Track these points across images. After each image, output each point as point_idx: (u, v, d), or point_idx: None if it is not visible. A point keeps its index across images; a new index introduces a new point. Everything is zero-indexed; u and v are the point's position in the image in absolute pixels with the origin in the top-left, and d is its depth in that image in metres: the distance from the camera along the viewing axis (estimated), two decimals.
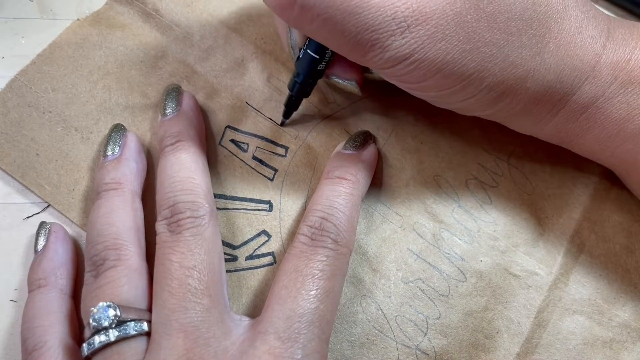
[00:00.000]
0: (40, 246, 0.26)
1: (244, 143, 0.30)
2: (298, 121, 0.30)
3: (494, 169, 0.30)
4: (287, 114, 0.29)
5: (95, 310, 0.22)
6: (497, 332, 0.27)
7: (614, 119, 0.25)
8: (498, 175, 0.30)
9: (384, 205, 0.29)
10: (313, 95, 0.31)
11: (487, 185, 0.29)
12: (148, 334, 0.23)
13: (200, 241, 0.24)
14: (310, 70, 0.27)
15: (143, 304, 0.24)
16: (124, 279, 0.23)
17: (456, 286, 0.28)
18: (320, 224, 0.25)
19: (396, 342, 0.27)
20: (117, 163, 0.27)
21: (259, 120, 0.30)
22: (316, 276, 0.24)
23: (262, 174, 0.29)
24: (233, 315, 0.24)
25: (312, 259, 0.24)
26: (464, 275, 0.28)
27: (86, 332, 0.22)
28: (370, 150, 0.28)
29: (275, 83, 0.31)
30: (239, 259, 0.28)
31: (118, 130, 0.28)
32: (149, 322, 0.23)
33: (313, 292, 0.23)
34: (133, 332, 0.22)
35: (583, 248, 0.29)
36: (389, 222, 0.29)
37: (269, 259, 0.28)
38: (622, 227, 0.29)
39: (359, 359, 0.26)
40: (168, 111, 0.28)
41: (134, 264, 0.24)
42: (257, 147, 0.30)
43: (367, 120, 0.30)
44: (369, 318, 0.27)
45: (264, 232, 0.28)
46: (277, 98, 0.31)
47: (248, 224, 0.28)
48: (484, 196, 0.29)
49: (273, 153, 0.30)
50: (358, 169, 0.27)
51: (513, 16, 0.22)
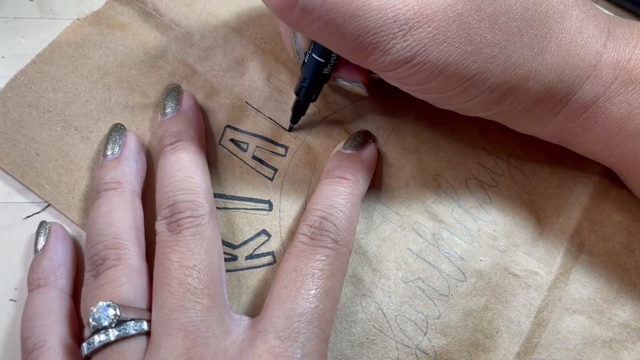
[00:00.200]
0: (40, 246, 0.26)
1: (243, 142, 0.30)
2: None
3: (494, 168, 0.30)
4: (295, 119, 0.29)
5: (95, 310, 0.22)
6: (497, 332, 0.27)
7: (614, 118, 0.25)
8: (498, 174, 0.30)
9: (384, 204, 0.29)
10: None
11: (487, 185, 0.29)
12: (148, 333, 0.23)
13: (200, 241, 0.24)
14: (316, 74, 0.27)
15: (143, 303, 0.24)
16: (123, 279, 0.23)
17: (456, 286, 0.28)
18: (320, 223, 0.25)
19: (396, 342, 0.27)
20: (117, 163, 0.27)
21: (259, 119, 0.30)
22: (316, 275, 0.24)
23: (262, 174, 0.29)
24: (233, 314, 0.24)
25: (312, 258, 0.24)
26: (463, 274, 0.28)
27: (86, 332, 0.22)
28: (370, 149, 0.28)
29: (275, 83, 0.31)
30: (239, 258, 0.28)
31: (118, 129, 0.28)
32: (149, 322, 0.23)
33: (313, 292, 0.23)
34: (133, 332, 0.22)
35: (583, 247, 0.29)
36: (388, 222, 0.29)
37: (269, 258, 0.28)
38: (622, 227, 0.29)
39: (359, 359, 0.26)
40: (168, 111, 0.28)
41: (134, 263, 0.24)
42: (257, 147, 0.30)
43: (367, 119, 0.30)
44: (369, 317, 0.27)
45: (264, 232, 0.28)
46: (277, 98, 0.31)
47: (248, 223, 0.28)
48: (484, 196, 0.29)
49: (273, 153, 0.30)
50: (358, 169, 0.27)
51: (514, 16, 0.22)
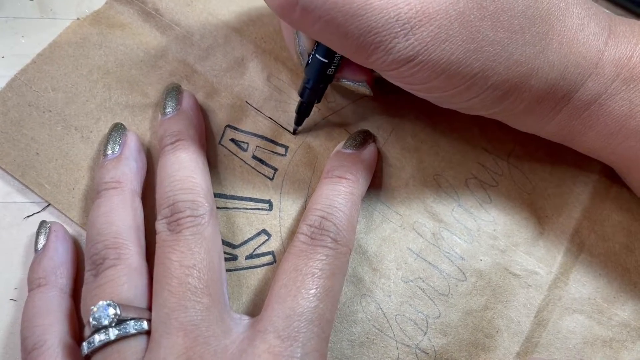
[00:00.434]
0: (40, 245, 0.26)
1: (243, 142, 0.30)
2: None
3: (494, 168, 0.30)
4: (299, 121, 0.29)
5: (95, 309, 0.22)
6: (497, 331, 0.27)
7: (616, 116, 0.25)
8: (498, 174, 0.30)
9: (384, 204, 0.29)
10: None
11: (487, 185, 0.29)
12: (148, 332, 0.23)
13: (200, 240, 0.24)
14: (320, 75, 0.26)
15: (143, 302, 0.24)
16: (124, 278, 0.23)
17: (456, 285, 0.28)
18: (320, 223, 0.25)
19: (396, 341, 0.27)
20: (117, 162, 0.27)
21: (259, 119, 0.30)
22: (316, 275, 0.24)
23: (262, 173, 0.29)
24: (233, 314, 0.24)
25: (312, 258, 0.24)
26: (463, 274, 0.28)
27: (86, 331, 0.22)
28: (370, 149, 0.28)
29: (275, 82, 0.31)
30: (239, 258, 0.28)
31: (118, 129, 0.28)
32: (149, 321, 0.23)
33: (313, 291, 0.23)
34: (133, 331, 0.22)
35: (583, 247, 0.29)
36: (388, 222, 0.29)
37: (269, 258, 0.28)
38: (622, 226, 0.29)
39: (359, 358, 0.26)
40: (168, 110, 0.28)
41: (134, 262, 0.24)
42: (257, 147, 0.30)
43: (367, 119, 0.30)
44: (369, 317, 0.27)
45: (264, 232, 0.28)
46: (277, 97, 0.31)
47: (248, 223, 0.28)
48: (484, 195, 0.29)
49: (273, 152, 0.30)
50: (358, 168, 0.27)
51: (516, 14, 0.22)
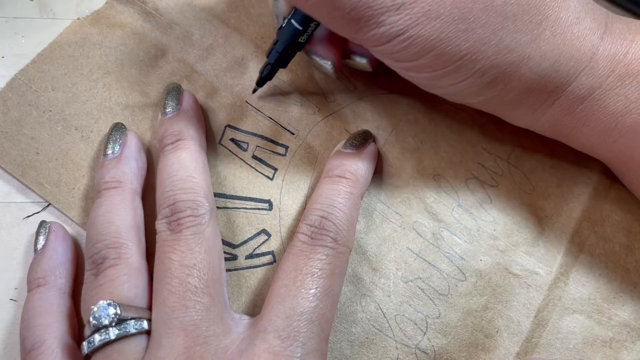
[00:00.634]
0: (40, 245, 0.26)
1: (244, 142, 0.30)
2: (298, 120, 0.30)
3: (494, 168, 0.30)
4: (261, 82, 0.29)
5: (95, 309, 0.22)
6: (497, 332, 0.27)
7: (611, 112, 0.24)
8: (498, 174, 0.30)
9: (384, 204, 0.29)
10: (313, 95, 0.31)
11: (487, 185, 0.29)
12: (148, 332, 0.23)
13: (201, 240, 0.24)
14: (291, 41, 0.26)
15: (143, 302, 0.24)
16: (124, 278, 0.23)
17: (456, 285, 0.28)
18: (320, 222, 0.25)
19: (396, 342, 0.27)
20: (117, 162, 0.27)
21: (259, 119, 0.30)
22: (316, 275, 0.24)
23: (262, 173, 0.29)
24: (233, 313, 0.24)
25: (312, 257, 0.24)
26: (463, 274, 0.28)
27: (86, 331, 0.22)
28: (370, 149, 0.28)
29: (275, 82, 0.31)
30: (239, 257, 0.28)
31: (118, 129, 0.28)
32: (149, 321, 0.23)
33: (312, 291, 0.23)
34: (133, 331, 0.22)
35: (583, 247, 0.29)
36: (388, 221, 0.29)
37: (269, 258, 0.28)
38: (622, 227, 0.29)
39: (359, 358, 0.26)
40: (168, 110, 0.28)
41: (134, 262, 0.24)
42: (257, 146, 0.30)
43: (367, 119, 0.30)
44: (369, 317, 0.27)
45: (264, 231, 0.28)
46: (277, 97, 0.31)
47: (248, 223, 0.28)
48: (484, 195, 0.29)
49: (273, 152, 0.30)
50: (358, 168, 0.27)
51: (510, 0, 0.22)
